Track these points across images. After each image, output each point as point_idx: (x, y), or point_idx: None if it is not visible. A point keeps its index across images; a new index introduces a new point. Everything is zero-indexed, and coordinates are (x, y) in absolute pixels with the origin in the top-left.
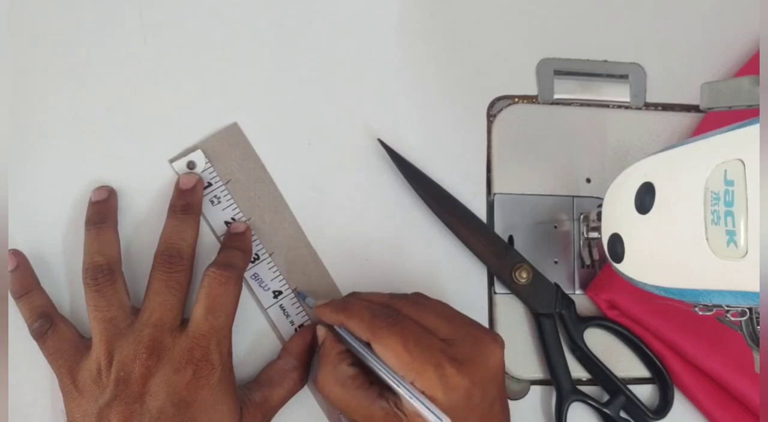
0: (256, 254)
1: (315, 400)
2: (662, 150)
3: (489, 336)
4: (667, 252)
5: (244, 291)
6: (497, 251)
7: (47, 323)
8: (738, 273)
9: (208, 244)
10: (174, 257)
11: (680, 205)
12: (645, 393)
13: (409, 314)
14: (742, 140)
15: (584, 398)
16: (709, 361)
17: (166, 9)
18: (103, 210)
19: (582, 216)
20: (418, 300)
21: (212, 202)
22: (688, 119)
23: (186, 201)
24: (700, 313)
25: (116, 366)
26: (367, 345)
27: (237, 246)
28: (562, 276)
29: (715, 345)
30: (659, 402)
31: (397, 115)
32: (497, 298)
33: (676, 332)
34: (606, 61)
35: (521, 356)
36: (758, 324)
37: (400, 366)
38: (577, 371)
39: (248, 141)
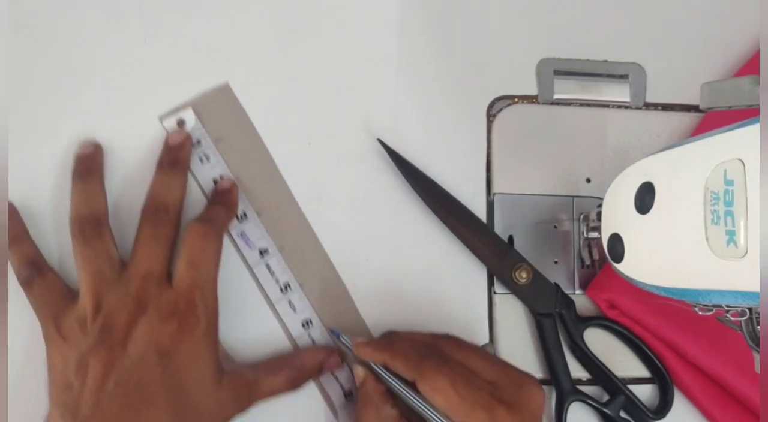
0: (243, 212)
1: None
2: (662, 150)
3: (531, 379)
4: (667, 252)
5: (231, 249)
6: (497, 251)
7: (35, 271)
8: (738, 273)
9: (197, 202)
10: (161, 211)
11: (680, 204)
12: (645, 393)
13: (454, 356)
14: (742, 140)
15: (584, 398)
16: (709, 361)
17: None
18: (89, 163)
19: (582, 216)
20: (459, 343)
21: (201, 160)
22: (688, 119)
23: (174, 157)
24: (700, 313)
25: (102, 314)
26: (412, 385)
27: (221, 202)
28: (562, 276)
29: (715, 345)
30: (659, 402)
31: (397, 115)
32: (497, 298)
33: (676, 332)
34: (606, 61)
35: (521, 356)
36: (758, 324)
37: (449, 407)
38: (577, 371)
39: (239, 101)
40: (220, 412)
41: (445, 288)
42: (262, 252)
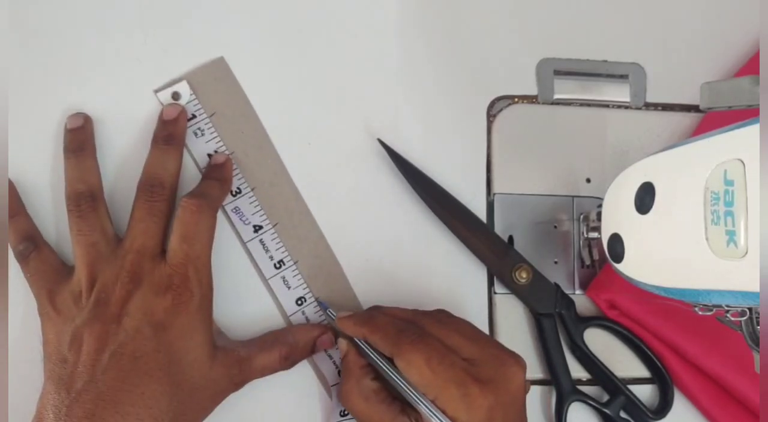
0: (237, 188)
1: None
2: (662, 150)
3: (512, 358)
4: (667, 252)
5: (225, 224)
6: (497, 251)
7: (31, 245)
8: (738, 273)
9: (191, 177)
10: (156, 186)
11: (680, 204)
12: (645, 393)
13: (433, 332)
14: (742, 140)
15: (584, 398)
16: (709, 361)
17: None
18: (80, 137)
19: (582, 217)
20: (442, 318)
21: (196, 134)
22: (688, 119)
23: (169, 131)
24: (700, 313)
25: (97, 288)
26: (390, 360)
27: (215, 177)
28: (562, 276)
29: (715, 345)
30: (659, 402)
31: (397, 115)
32: (497, 298)
33: (676, 332)
34: (606, 61)
35: (521, 356)
36: (758, 324)
37: (423, 383)
38: (577, 371)
39: (234, 76)
40: (213, 388)
41: (445, 288)
42: (256, 228)
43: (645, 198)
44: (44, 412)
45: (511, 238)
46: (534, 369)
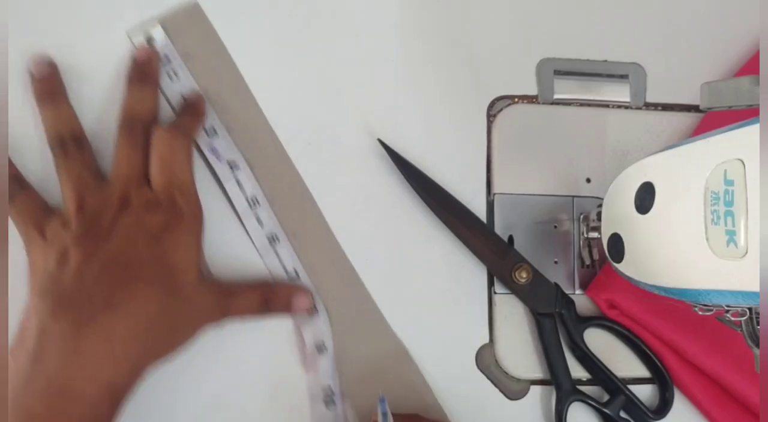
0: (213, 128)
1: None
2: (662, 150)
3: None
4: (667, 252)
5: (200, 163)
6: (497, 251)
7: (17, 187)
8: (738, 273)
9: (167, 119)
10: (135, 121)
11: (680, 204)
12: (645, 393)
13: None
14: (742, 140)
15: (584, 398)
16: (708, 361)
17: None
18: (51, 84)
19: (582, 216)
20: None
21: (170, 76)
22: (688, 119)
23: (142, 71)
24: (700, 313)
25: (86, 213)
26: None
27: (188, 112)
28: (562, 276)
29: (715, 345)
30: (659, 402)
31: (397, 115)
32: (497, 298)
33: (676, 332)
34: (606, 61)
35: (521, 356)
36: (758, 324)
37: None
38: (577, 371)
39: (208, 18)
40: (202, 306)
41: (445, 288)
42: (232, 166)
43: (645, 198)
44: (27, 323)
45: (511, 238)
46: (534, 369)
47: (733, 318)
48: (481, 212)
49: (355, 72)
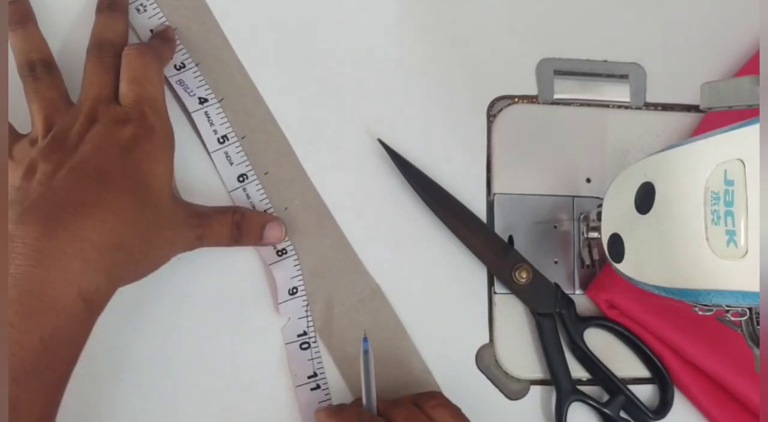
0: (182, 63)
1: None
2: (662, 150)
3: None
4: (667, 252)
5: (170, 97)
6: (497, 251)
7: None
8: (738, 273)
9: None
10: (104, 45)
11: (680, 204)
12: (645, 393)
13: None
14: (742, 140)
15: (584, 398)
16: (708, 361)
17: None
18: (21, 9)
19: (582, 216)
20: (418, 402)
21: (138, 10)
22: (688, 119)
23: (111, 0)
24: (700, 313)
25: (55, 129)
26: None
27: (158, 37)
28: (562, 276)
29: (715, 345)
30: (659, 402)
31: (397, 115)
32: (497, 298)
33: (676, 332)
34: (606, 61)
35: (521, 356)
36: (758, 324)
37: None
38: (577, 371)
39: None
40: (177, 225)
41: (445, 288)
42: (201, 101)
43: (645, 198)
44: None
45: (511, 238)
46: (534, 369)
47: (733, 319)
48: (481, 212)
49: (355, 72)
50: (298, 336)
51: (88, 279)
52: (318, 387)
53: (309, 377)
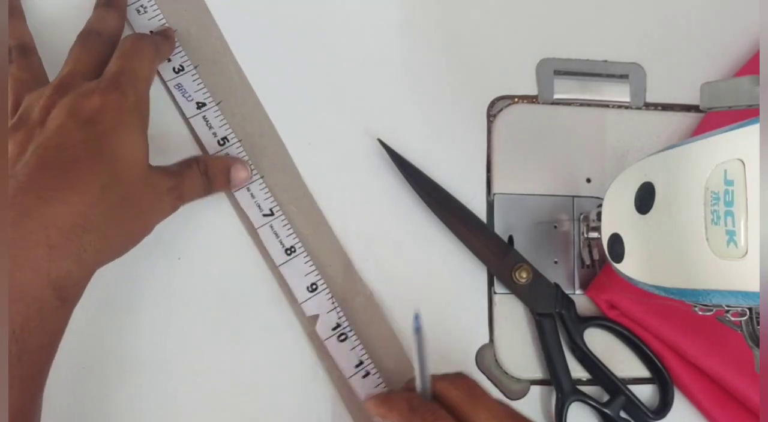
0: (180, 65)
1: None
2: (662, 150)
3: None
4: (667, 252)
5: (168, 101)
6: (497, 251)
7: None
8: (738, 273)
9: None
10: (92, 33)
11: (680, 205)
12: (645, 393)
13: (457, 409)
14: (742, 140)
15: (584, 398)
16: (708, 361)
17: None
18: (10, 2)
19: (582, 217)
20: (474, 393)
21: (138, 11)
22: (688, 119)
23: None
24: (700, 313)
25: (22, 108)
26: None
27: (158, 34)
28: (562, 276)
29: (715, 345)
30: (659, 402)
31: (397, 115)
32: (497, 298)
33: (675, 332)
34: (606, 61)
35: (521, 356)
36: (758, 324)
37: None
38: (577, 371)
39: None
40: (154, 192)
41: (445, 288)
42: (199, 105)
43: (645, 198)
44: None
45: (511, 238)
46: (534, 369)
47: (733, 319)
48: (481, 212)
49: (355, 72)
50: (333, 329)
51: (56, 266)
52: (368, 374)
53: (356, 366)
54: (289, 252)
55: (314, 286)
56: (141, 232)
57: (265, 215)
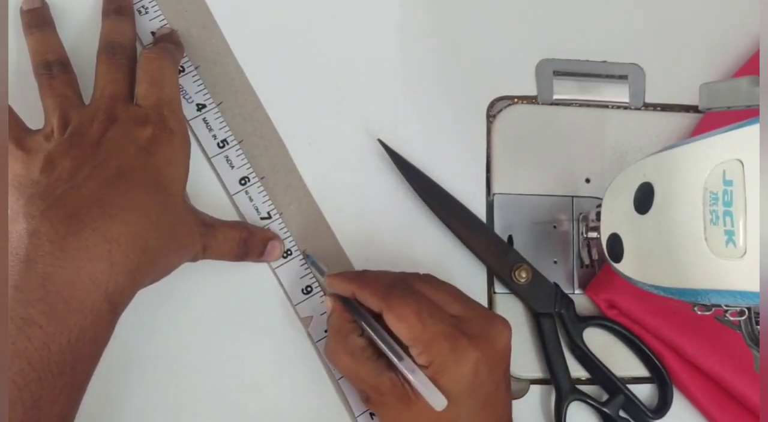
0: (181, 66)
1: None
2: (661, 150)
3: (499, 318)
4: (666, 252)
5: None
6: (497, 251)
7: None
8: (736, 273)
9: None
10: (116, 47)
11: (679, 204)
12: (644, 392)
13: (422, 290)
14: (740, 140)
15: (584, 397)
16: (708, 361)
17: None
18: (40, 14)
19: (581, 216)
20: (431, 279)
21: (139, 11)
22: (687, 119)
23: (117, 4)
24: (699, 313)
25: (73, 125)
26: (378, 316)
27: (167, 40)
28: (562, 276)
29: (715, 345)
30: (658, 401)
31: (397, 115)
32: (497, 298)
33: (675, 332)
34: (605, 61)
35: (521, 355)
36: (757, 324)
37: (412, 336)
38: (577, 370)
39: None
40: (188, 229)
41: None
42: (200, 107)
43: (644, 198)
44: (13, 226)
45: (510, 238)
46: (534, 369)
47: (731, 318)
48: (480, 212)
49: (355, 72)
50: (326, 331)
51: (114, 281)
52: None
53: None
54: (285, 255)
55: (309, 289)
56: (175, 265)
57: (263, 218)
